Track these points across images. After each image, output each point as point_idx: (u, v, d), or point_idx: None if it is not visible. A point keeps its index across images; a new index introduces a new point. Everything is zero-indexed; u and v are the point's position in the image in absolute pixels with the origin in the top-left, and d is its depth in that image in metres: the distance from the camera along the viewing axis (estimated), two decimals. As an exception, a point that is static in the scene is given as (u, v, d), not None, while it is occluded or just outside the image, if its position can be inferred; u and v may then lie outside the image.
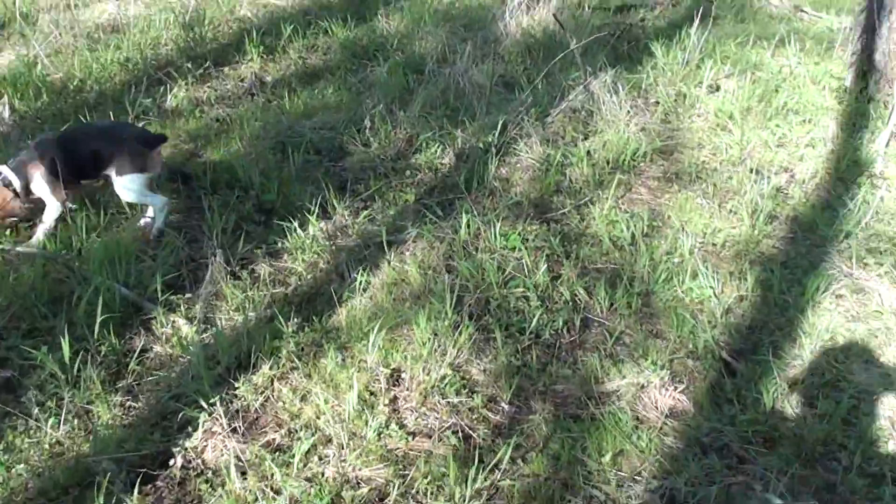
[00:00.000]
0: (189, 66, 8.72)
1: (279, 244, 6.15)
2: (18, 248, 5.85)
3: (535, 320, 5.34)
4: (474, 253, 5.99)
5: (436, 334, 5.13)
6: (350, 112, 7.95)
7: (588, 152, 7.30)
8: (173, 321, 5.35)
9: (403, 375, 4.95)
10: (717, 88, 8.60)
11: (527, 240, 6.16)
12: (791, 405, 4.93)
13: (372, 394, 4.79)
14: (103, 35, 9.47)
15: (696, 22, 9.10)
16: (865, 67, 8.77)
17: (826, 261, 6.21)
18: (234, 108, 8.21)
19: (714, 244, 6.32)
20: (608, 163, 7.20)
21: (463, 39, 9.80)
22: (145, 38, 9.33)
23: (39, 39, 9.25)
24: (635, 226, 6.34)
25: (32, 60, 8.54)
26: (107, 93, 8.38)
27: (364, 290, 5.65)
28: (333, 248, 6.09)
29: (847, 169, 7.34)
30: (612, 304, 5.64)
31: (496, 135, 7.28)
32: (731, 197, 6.90)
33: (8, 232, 6.10)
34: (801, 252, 6.30)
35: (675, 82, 8.69)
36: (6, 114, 7.70)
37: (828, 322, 5.57)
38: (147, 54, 9.05)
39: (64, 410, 4.64)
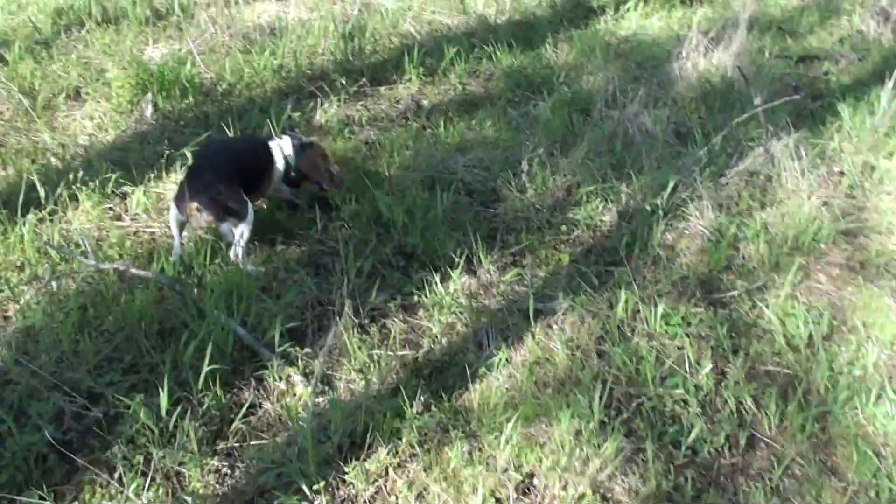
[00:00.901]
0: (343, 81, 8.18)
1: (416, 297, 5.53)
2: (133, 270, 5.33)
3: (693, 432, 4.59)
4: (630, 335, 5.27)
5: (579, 435, 4.44)
6: (507, 151, 7.31)
7: (765, 225, 6.48)
8: (289, 376, 4.81)
9: (536, 483, 4.28)
10: (909, 164, 7.70)
11: (690, 324, 5.42)
12: None
13: (498, 501, 4.12)
14: (260, 37, 8.98)
15: (890, 84, 8.18)
16: None
17: None
18: (385, 132, 7.64)
19: (904, 359, 5.49)
20: (786, 241, 6.37)
21: (634, 78, 9.14)
22: (302, 45, 8.83)
23: (194, 35, 8.83)
24: (814, 324, 5.54)
25: (184, 57, 8.07)
26: (255, 100, 7.91)
27: (502, 366, 4.96)
28: (474, 309, 5.42)
29: None
30: (782, 421, 4.85)
31: (665, 196, 6.51)
32: (925, 300, 6.04)
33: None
34: None
35: (862, 150, 7.80)
36: (149, 111, 7.26)
37: None
38: (302, 63, 8.54)
39: (151, 471, 4.16)
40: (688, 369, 5.05)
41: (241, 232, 5.60)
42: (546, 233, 6.33)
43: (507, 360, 5.02)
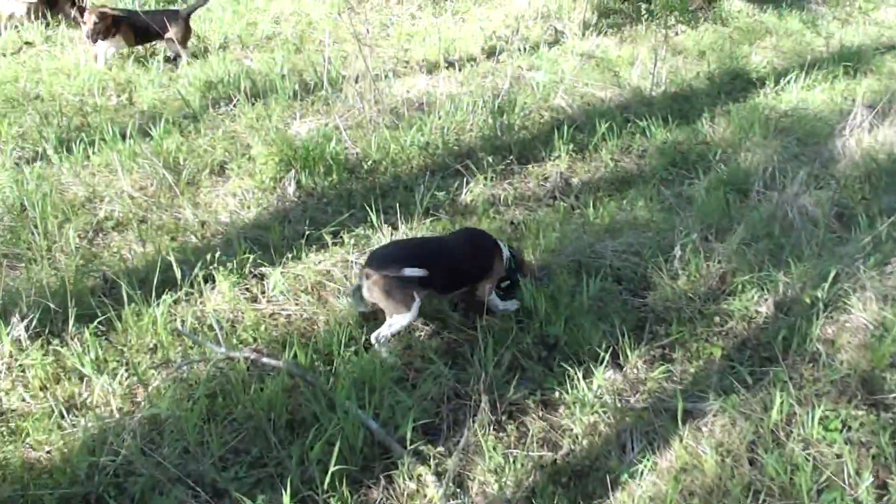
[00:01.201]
0: (490, 159, 8.00)
1: (557, 393, 5.25)
2: (264, 359, 5.18)
3: (851, 554, 4.22)
4: (784, 441, 4.90)
5: (727, 554, 4.12)
6: (660, 235, 7.01)
7: (934, 319, 6.05)
8: (420, 475, 4.56)
9: None
10: None
11: (850, 428, 5.02)
12: None
13: None
14: (408, 112, 8.86)
15: None
16: None
17: None
18: (532, 211, 7.46)
19: None
20: (955, 339, 5.92)
21: (794, 156, 8.76)
22: (450, 121, 8.68)
23: (341, 110, 8.78)
24: None
25: (330, 133, 8.01)
26: (401, 177, 7.77)
27: (647, 472, 4.64)
28: (619, 408, 5.12)
29: None
30: (948, 543, 4.44)
31: (826, 288, 6.10)
32: None
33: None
34: None
35: None
36: (291, 189, 7.16)
37: None
38: (449, 139, 8.40)
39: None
40: (846, 480, 4.66)
41: (391, 323, 5.50)
42: (698, 324, 6.01)
43: (651, 465, 4.71)
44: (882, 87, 11.11)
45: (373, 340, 5.51)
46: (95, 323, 5.47)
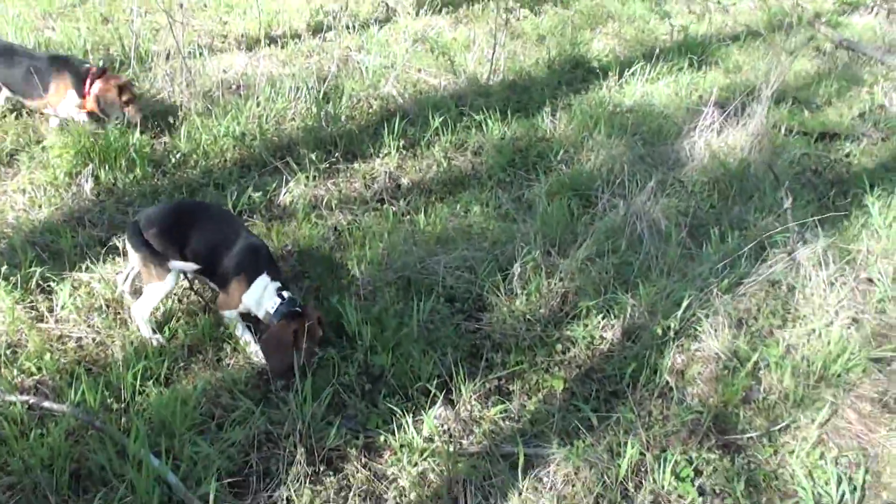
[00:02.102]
0: (313, 156, 7.53)
1: (382, 437, 4.85)
2: (45, 403, 4.64)
3: None
4: (634, 494, 4.62)
5: None
6: (497, 248, 6.63)
7: (788, 349, 5.83)
8: (224, 539, 4.11)
9: None
10: (950, 275, 7.03)
11: (702, 473, 4.77)
12: None
13: None
14: (223, 96, 8.28)
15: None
16: None
17: None
18: (357, 216, 6.98)
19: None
20: (813, 370, 5.70)
21: (640, 157, 8.46)
22: (270, 109, 8.15)
23: (149, 93, 8.16)
24: (846, 478, 4.89)
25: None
26: (213, 172, 7.24)
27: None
28: (451, 454, 4.75)
29: None
30: None
31: (678, 316, 5.84)
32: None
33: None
34: None
35: (891, 254, 7.11)
36: (87, 187, 6.57)
37: None
38: (268, 130, 7.88)
39: None
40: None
41: (146, 293, 5.33)
42: (538, 352, 5.69)
43: (488, 523, 4.39)
44: (728, 83, 10.97)
45: (133, 316, 5.33)
46: None
